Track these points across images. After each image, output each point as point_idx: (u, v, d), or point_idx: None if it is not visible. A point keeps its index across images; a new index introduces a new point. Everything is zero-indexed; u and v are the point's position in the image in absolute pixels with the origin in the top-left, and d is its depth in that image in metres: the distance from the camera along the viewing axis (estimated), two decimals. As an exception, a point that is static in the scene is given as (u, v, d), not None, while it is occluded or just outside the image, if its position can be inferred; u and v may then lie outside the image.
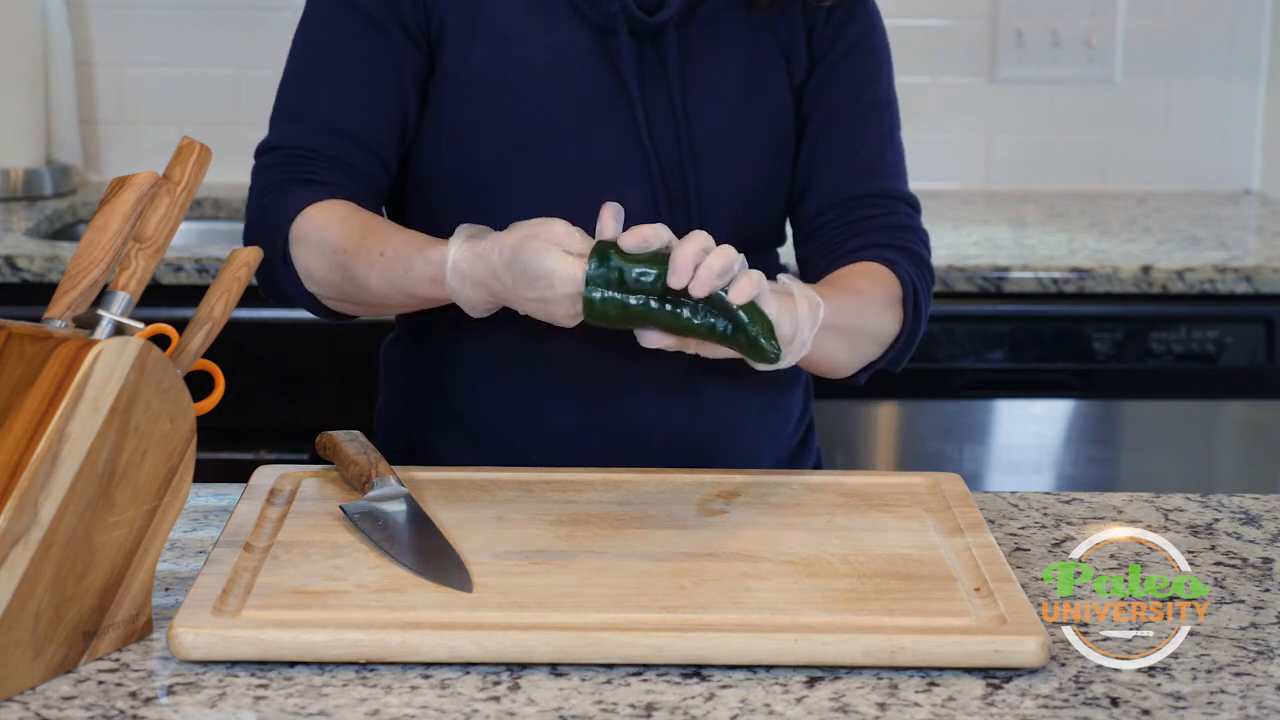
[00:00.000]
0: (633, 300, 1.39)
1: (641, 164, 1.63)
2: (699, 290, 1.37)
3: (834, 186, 1.69)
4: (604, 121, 1.63)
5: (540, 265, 1.39)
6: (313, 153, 1.61)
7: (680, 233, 1.57)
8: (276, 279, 1.59)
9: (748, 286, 1.39)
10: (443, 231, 1.54)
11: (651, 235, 1.39)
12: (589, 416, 1.67)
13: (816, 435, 1.83)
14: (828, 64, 1.69)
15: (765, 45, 1.67)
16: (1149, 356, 2.67)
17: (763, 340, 1.40)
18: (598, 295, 1.39)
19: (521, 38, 1.63)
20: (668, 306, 1.39)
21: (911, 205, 1.71)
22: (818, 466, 1.82)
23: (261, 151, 1.65)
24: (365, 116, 1.62)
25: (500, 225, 1.48)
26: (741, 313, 1.39)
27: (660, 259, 1.39)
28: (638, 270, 1.39)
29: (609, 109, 1.63)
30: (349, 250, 1.53)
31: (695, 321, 1.40)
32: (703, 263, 1.37)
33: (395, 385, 1.77)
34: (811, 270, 1.69)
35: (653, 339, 1.42)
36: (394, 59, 1.62)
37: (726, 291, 1.39)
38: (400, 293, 1.52)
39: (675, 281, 1.37)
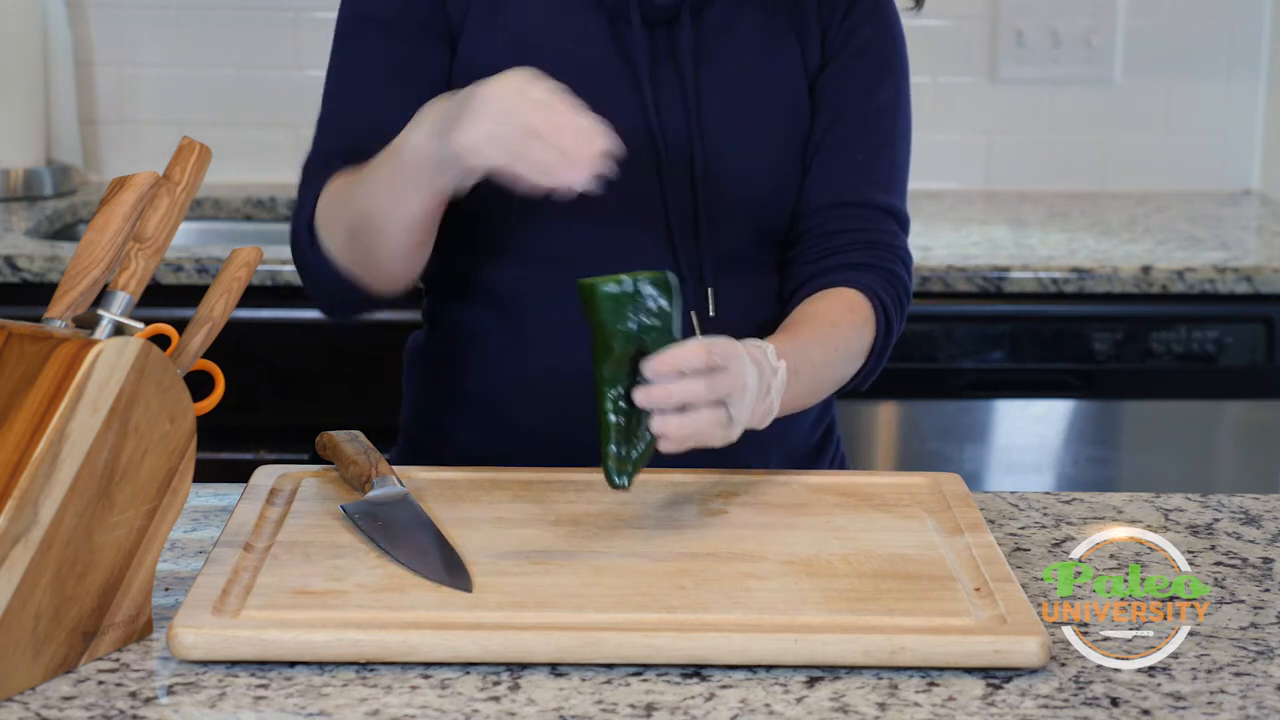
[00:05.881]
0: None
1: (648, 147, 1.63)
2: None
3: (822, 191, 1.68)
4: (613, 106, 1.63)
5: (484, 88, 1.41)
6: (350, 153, 1.62)
7: (688, 214, 1.59)
8: (305, 261, 1.62)
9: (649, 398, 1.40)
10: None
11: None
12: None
13: (839, 436, 1.81)
14: (839, 63, 1.70)
15: (781, 35, 1.68)
16: (1149, 356, 2.67)
17: (610, 464, 1.41)
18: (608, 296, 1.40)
19: (537, 28, 1.65)
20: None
21: (897, 219, 1.71)
22: (840, 468, 1.81)
23: (305, 165, 1.67)
24: (401, 121, 1.64)
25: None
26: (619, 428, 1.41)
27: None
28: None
29: (618, 94, 1.64)
30: (350, 181, 1.56)
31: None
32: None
33: (420, 380, 1.77)
34: (790, 278, 1.69)
35: None
36: (422, 63, 1.65)
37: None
38: (396, 184, 1.51)
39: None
